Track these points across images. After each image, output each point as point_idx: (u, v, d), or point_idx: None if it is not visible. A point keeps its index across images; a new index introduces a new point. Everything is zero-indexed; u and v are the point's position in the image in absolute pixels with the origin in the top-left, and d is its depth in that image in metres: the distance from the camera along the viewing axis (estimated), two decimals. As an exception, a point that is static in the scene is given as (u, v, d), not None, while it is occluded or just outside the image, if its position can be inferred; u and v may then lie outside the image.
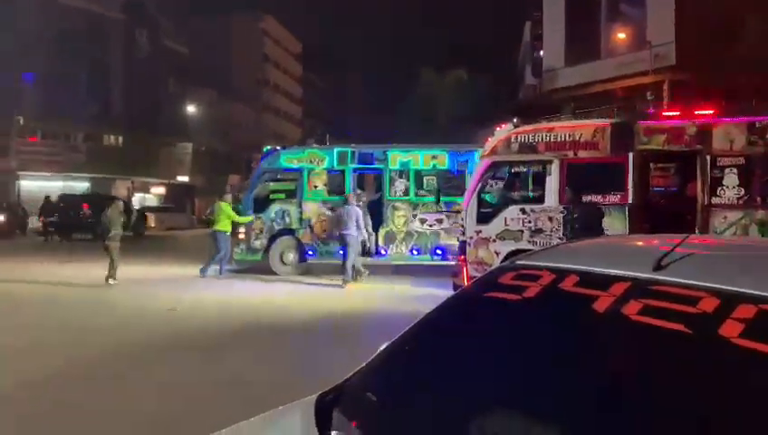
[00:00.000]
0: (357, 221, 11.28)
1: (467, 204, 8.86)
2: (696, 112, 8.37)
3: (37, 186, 29.70)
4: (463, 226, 8.88)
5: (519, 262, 2.16)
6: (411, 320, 2.15)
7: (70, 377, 5.75)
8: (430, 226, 12.69)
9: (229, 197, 13.20)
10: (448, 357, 1.92)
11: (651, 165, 9.30)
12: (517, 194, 9.26)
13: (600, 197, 8.36)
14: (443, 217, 12.54)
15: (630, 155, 8.21)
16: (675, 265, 1.70)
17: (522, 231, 8.49)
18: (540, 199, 8.59)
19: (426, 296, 9.97)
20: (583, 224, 8.12)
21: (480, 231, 8.69)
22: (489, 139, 9.24)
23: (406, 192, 12.87)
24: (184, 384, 5.51)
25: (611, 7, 23.01)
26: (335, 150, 13.17)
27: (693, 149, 8.19)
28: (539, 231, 8.42)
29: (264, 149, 13.95)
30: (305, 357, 6.43)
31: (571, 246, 2.45)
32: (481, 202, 8.85)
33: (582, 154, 8.39)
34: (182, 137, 41.02)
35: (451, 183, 12.94)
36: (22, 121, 30.38)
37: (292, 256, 12.78)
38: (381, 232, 12.85)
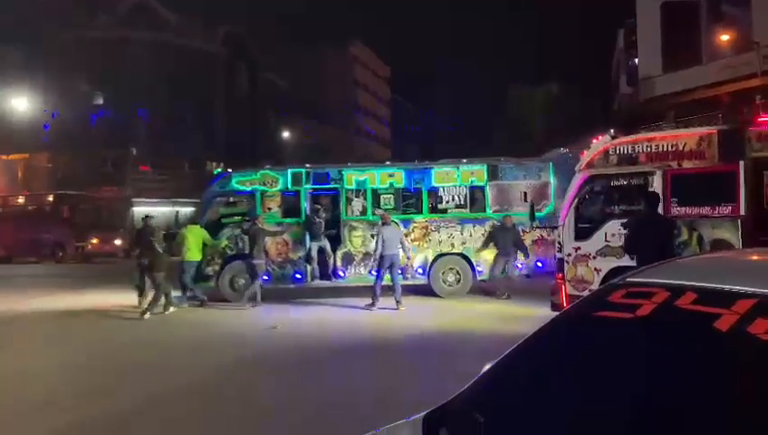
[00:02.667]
0: (402, 241, 11.20)
1: (564, 219, 8.60)
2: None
3: (148, 211, 31.80)
4: (560, 242, 8.62)
5: (629, 279, 2.08)
6: (496, 338, 2.11)
7: (196, 392, 6.11)
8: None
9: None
10: (557, 378, 1.88)
11: (765, 173, 8.64)
12: (617, 208, 8.86)
13: (708, 209, 7.86)
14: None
15: (741, 163, 7.68)
16: (806, 281, 1.59)
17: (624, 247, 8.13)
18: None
19: (500, 313, 9.83)
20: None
21: (579, 247, 8.39)
22: (585, 151, 8.96)
23: (363, 212, 12.49)
24: (294, 400, 5.70)
25: (712, 9, 21.81)
26: (289, 171, 12.71)
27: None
28: (642, 246, 8.02)
29: (215, 172, 13.29)
30: (407, 374, 6.46)
31: (685, 262, 2.34)
32: (579, 217, 8.55)
33: (687, 164, 7.94)
34: (279, 161, 42.65)
35: (408, 201, 12.62)
36: (135, 152, 32.88)
37: (243, 282, 11.96)
38: (339, 253, 12.41)
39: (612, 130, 9.09)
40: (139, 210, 32.89)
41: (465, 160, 12.87)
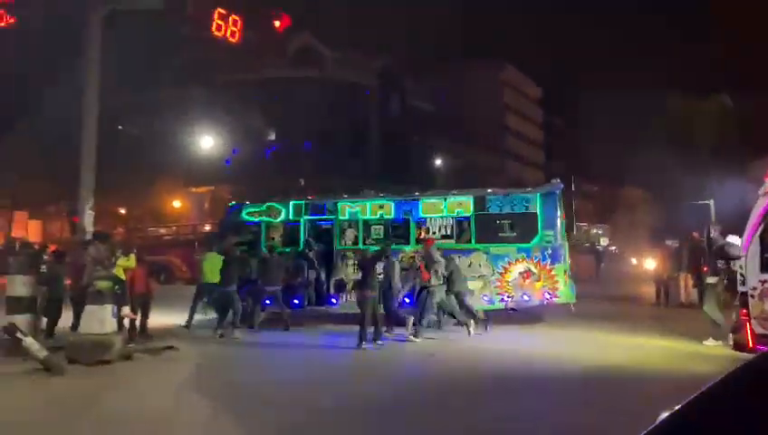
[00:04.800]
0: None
1: (746, 249, 7.93)
2: None
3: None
4: (742, 274, 7.95)
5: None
6: (665, 378, 2.00)
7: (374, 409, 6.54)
8: (378, 274, 11.93)
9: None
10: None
11: None
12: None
13: None
14: None
15: None
16: None
17: (820, 280, 7.31)
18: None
19: (668, 349, 9.15)
20: None
21: (766, 281, 7.69)
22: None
23: (355, 241, 12.89)
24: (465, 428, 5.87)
25: None
26: (290, 203, 13.60)
27: None
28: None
29: (230, 205, 14.35)
30: (569, 410, 6.36)
31: None
32: (765, 247, 7.83)
33: None
34: (431, 187, 43.56)
35: (397, 232, 12.81)
36: (303, 182, 35.38)
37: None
38: (332, 281, 12.93)
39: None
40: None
41: (454, 192, 13.13)
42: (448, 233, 12.68)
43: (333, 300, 13.07)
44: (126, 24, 14.44)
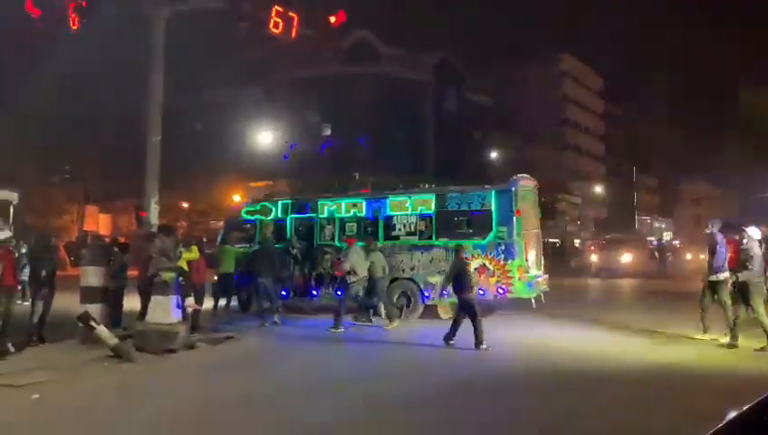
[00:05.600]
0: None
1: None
2: None
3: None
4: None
5: None
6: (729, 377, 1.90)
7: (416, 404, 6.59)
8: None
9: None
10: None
11: None
12: None
13: None
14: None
15: None
16: None
17: None
18: None
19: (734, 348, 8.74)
20: None
21: None
22: None
23: (332, 237, 13.55)
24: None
25: None
26: (279, 203, 14.51)
27: None
28: None
29: (235, 203, 15.04)
30: (636, 410, 6.22)
31: None
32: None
33: None
34: (486, 181, 42.91)
35: (369, 228, 13.32)
36: (357, 177, 35.76)
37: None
38: (313, 274, 13.75)
39: None
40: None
41: (418, 190, 13.85)
42: (413, 230, 13.15)
43: (314, 292, 13.77)
44: (188, 25, 14.90)
